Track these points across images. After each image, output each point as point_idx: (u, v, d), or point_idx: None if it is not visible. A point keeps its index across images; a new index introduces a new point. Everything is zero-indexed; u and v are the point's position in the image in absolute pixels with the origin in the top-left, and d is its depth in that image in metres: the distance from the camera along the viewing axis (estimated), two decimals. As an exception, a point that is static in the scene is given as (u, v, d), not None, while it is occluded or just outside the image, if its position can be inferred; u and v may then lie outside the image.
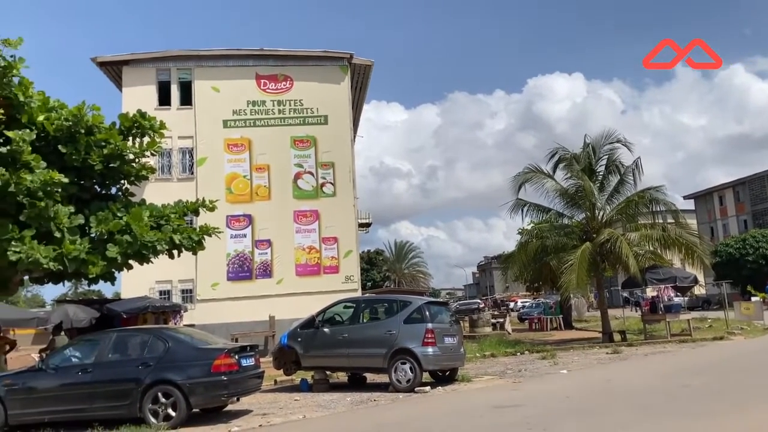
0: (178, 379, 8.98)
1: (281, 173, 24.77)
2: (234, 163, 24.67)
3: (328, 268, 24.45)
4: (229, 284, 23.93)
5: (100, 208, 11.38)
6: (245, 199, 24.50)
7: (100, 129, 11.47)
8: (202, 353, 9.44)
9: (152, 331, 10.50)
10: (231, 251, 24.02)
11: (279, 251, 24.32)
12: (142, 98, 23.47)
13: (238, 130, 24.94)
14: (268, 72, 25.30)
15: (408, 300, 12.88)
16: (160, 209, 12.32)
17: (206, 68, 25.13)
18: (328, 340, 12.41)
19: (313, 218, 24.66)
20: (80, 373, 9.40)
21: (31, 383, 9.54)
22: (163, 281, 23.10)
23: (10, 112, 10.49)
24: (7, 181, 9.54)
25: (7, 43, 10.14)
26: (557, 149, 22.58)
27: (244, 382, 9.67)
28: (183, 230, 12.07)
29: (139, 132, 12.31)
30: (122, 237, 10.88)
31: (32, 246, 9.73)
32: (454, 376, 12.84)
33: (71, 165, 11.10)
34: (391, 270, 64.13)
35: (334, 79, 25.45)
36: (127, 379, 9.16)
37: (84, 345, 10.21)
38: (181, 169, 24.67)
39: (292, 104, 25.29)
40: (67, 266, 10.27)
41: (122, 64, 24.80)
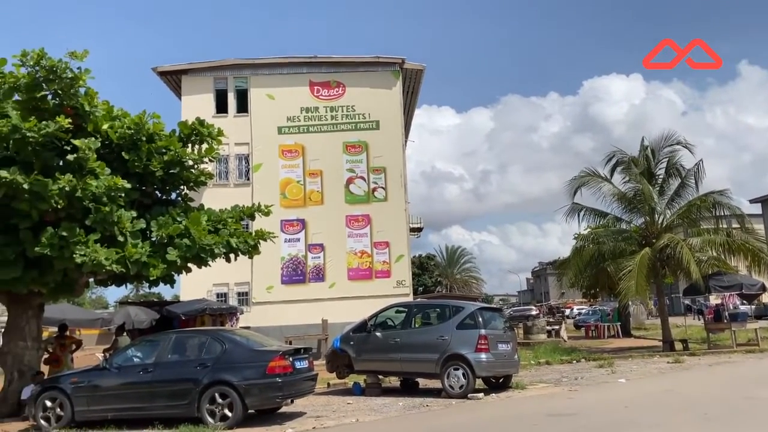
0: (234, 380, 9.16)
1: (333, 178, 25.04)
2: (288, 168, 25.10)
3: (380, 273, 24.53)
4: (283, 287, 24.32)
5: (161, 212, 11.76)
6: (299, 203, 24.87)
7: (161, 136, 11.86)
8: (257, 355, 9.61)
9: (210, 332, 10.76)
10: (285, 255, 24.41)
11: (331, 255, 24.57)
12: (201, 106, 24.16)
13: (292, 137, 25.36)
14: (321, 79, 25.65)
15: (460, 305, 12.77)
16: (218, 214, 12.63)
17: (261, 76, 25.67)
18: (380, 344, 12.44)
19: (364, 223, 24.81)
20: (141, 372, 9.72)
21: (96, 381, 9.91)
22: (220, 284, 23.68)
23: (77, 122, 10.96)
24: (74, 187, 9.97)
25: (73, 55, 10.57)
26: (615, 152, 22.01)
27: (298, 384, 9.79)
28: (239, 234, 12.32)
29: (198, 139, 12.65)
30: (181, 241, 11.20)
31: (96, 249, 10.11)
32: (508, 383, 12.66)
33: (133, 171, 11.52)
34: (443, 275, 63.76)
35: (386, 85, 25.57)
36: (185, 379, 9.41)
37: (145, 345, 10.56)
38: (237, 175, 25.27)
39: (344, 110, 25.54)
40: (129, 269, 10.63)
41: (181, 73, 25.62)
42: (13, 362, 11.52)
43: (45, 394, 9.95)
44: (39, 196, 9.87)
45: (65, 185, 9.88)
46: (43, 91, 10.59)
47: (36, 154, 10.26)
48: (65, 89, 10.62)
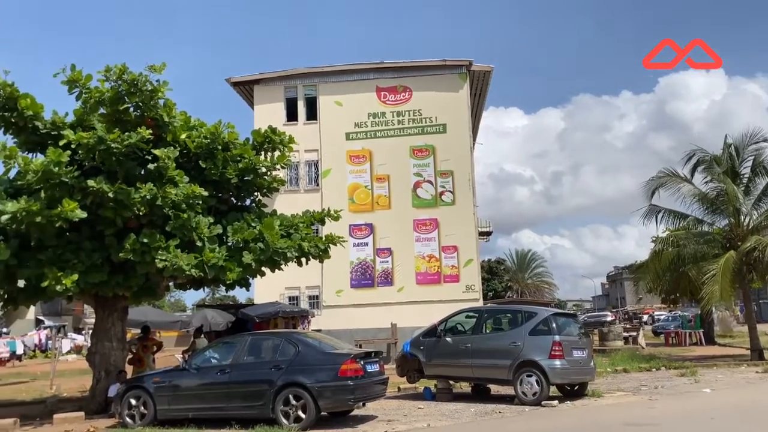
0: (307, 382, 9.28)
1: (401, 183, 25.11)
2: (356, 173, 25.37)
3: (449, 277, 24.38)
4: (353, 291, 24.57)
5: (236, 218, 12.14)
6: (366, 208, 25.08)
7: (236, 145, 12.25)
8: (329, 357, 9.71)
9: (283, 335, 10.97)
10: (354, 259, 24.65)
11: (399, 259, 24.62)
12: (272, 115, 24.82)
13: (360, 142, 25.63)
14: (387, 84, 25.81)
15: (533, 311, 12.49)
16: (290, 219, 12.91)
17: (330, 84, 26.10)
18: (450, 349, 12.33)
19: (432, 227, 24.73)
20: (219, 373, 10.00)
21: (176, 381, 10.27)
22: (291, 287, 24.19)
23: (157, 132, 11.47)
24: (155, 194, 10.43)
25: (152, 69, 11.07)
26: (695, 151, 20.96)
27: (369, 387, 9.82)
28: (310, 239, 12.55)
29: (270, 147, 12.99)
30: (256, 245, 11.51)
31: (176, 254, 10.54)
32: (584, 390, 12.26)
33: (210, 179, 11.95)
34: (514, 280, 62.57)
35: (453, 87, 25.45)
36: (260, 380, 9.60)
37: (222, 347, 10.87)
38: (307, 181, 25.77)
39: (411, 114, 25.60)
40: (207, 273, 11.02)
41: (253, 83, 26.41)
42: (101, 362, 12.14)
43: (130, 392, 10.40)
44: (123, 204, 10.39)
45: (147, 193, 10.35)
46: (125, 104, 11.12)
47: (120, 164, 10.79)
48: (146, 101, 11.13)
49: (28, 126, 11.22)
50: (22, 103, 10.96)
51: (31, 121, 11.17)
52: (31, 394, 15.99)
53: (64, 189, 10.17)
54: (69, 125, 11.42)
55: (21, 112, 11.01)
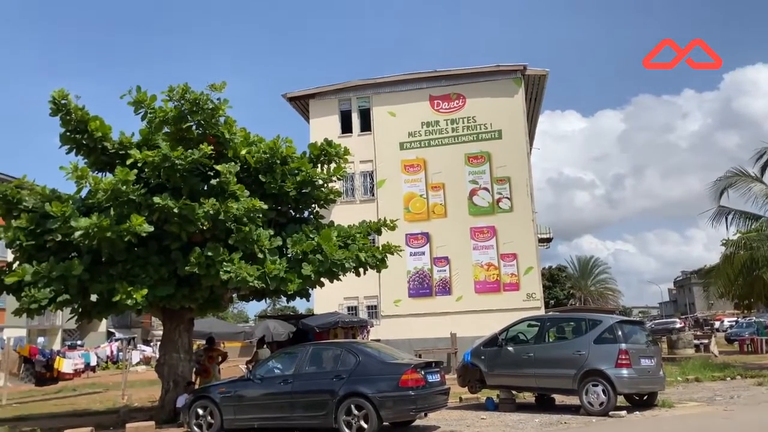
0: (369, 392, 9.29)
1: (456, 191, 24.98)
2: (411, 183, 25.41)
3: (508, 286, 24.03)
4: (411, 301, 24.54)
5: (295, 230, 12.34)
6: (422, 217, 25.05)
7: (293, 159, 12.47)
8: (390, 367, 9.70)
9: (344, 345, 11.03)
10: (411, 269, 24.64)
11: (457, 268, 24.45)
12: (327, 127, 25.20)
13: (414, 151, 25.68)
14: (441, 92, 25.80)
15: (598, 318, 12.14)
16: (347, 230, 13.02)
17: (383, 95, 26.30)
18: (512, 358, 12.11)
19: (490, 234, 24.46)
20: (282, 383, 10.14)
21: (241, 391, 10.48)
22: (350, 297, 24.38)
23: (219, 149, 11.80)
24: (217, 209, 10.72)
25: (213, 87, 11.41)
26: (766, 148, 20.02)
27: (431, 397, 9.75)
28: (367, 249, 12.61)
29: (327, 159, 13.17)
30: (315, 256, 11.66)
31: (240, 266, 10.80)
32: (653, 400, 11.81)
33: (269, 192, 12.20)
34: (576, 287, 61.06)
35: (508, 93, 25.19)
36: (322, 390, 9.67)
37: (284, 357, 11.03)
38: (363, 192, 25.98)
39: (465, 122, 25.48)
40: (268, 284, 11.24)
41: (308, 97, 26.90)
42: (169, 372, 12.52)
43: (197, 402, 10.67)
44: (187, 219, 10.71)
45: (210, 208, 10.65)
46: (188, 123, 11.49)
47: (184, 180, 11.15)
48: (207, 119, 11.46)
49: (98, 147, 11.75)
50: (91, 125, 11.50)
51: (100, 142, 11.70)
52: (105, 403, 16.65)
53: (132, 206, 10.59)
54: (135, 145, 11.90)
55: (91, 134, 11.55)
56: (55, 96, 11.21)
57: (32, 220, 11.18)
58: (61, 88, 11.30)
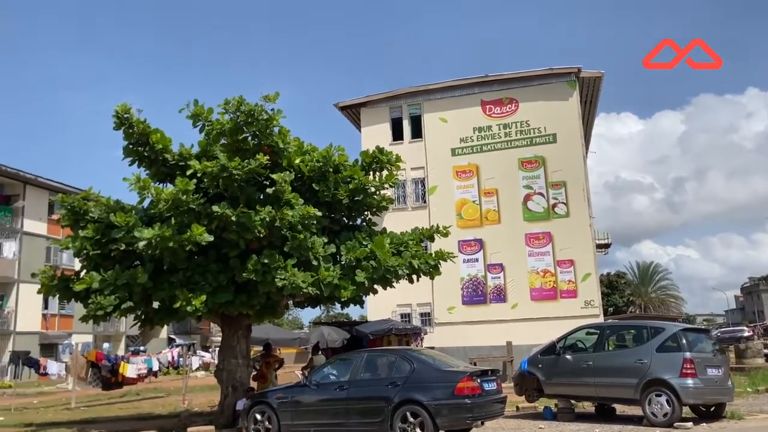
0: (424, 399, 9.24)
1: (510, 196, 24.68)
2: (463, 189, 25.25)
3: (565, 293, 23.53)
4: (464, 308, 24.34)
5: (348, 237, 12.44)
6: (475, 223, 24.85)
7: (346, 167, 12.59)
8: (445, 375, 9.63)
9: (398, 351, 11.02)
10: (464, 276, 24.45)
11: (512, 275, 24.11)
12: (378, 135, 25.37)
13: (466, 157, 25.53)
14: (493, 97, 25.59)
15: (660, 326, 11.73)
16: (399, 237, 13.03)
17: (434, 101, 26.28)
18: (571, 367, 11.84)
19: (545, 241, 24.03)
20: (337, 389, 10.20)
21: (298, 397, 10.60)
22: (403, 305, 24.36)
23: (273, 158, 12.03)
24: (273, 217, 10.92)
25: (267, 98, 11.65)
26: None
27: (487, 406, 9.62)
28: (420, 256, 12.59)
29: (378, 166, 13.23)
30: (368, 263, 11.71)
31: (294, 273, 10.95)
32: (722, 412, 11.30)
33: (323, 200, 12.35)
34: (636, 294, 59.23)
35: (562, 96, 24.76)
36: (378, 397, 9.68)
37: (340, 364, 11.09)
38: (414, 198, 25.99)
39: (518, 126, 25.18)
40: (323, 290, 11.35)
41: (360, 106, 27.15)
42: (228, 378, 12.78)
43: (255, 407, 10.86)
44: (245, 227, 10.95)
45: (266, 216, 10.86)
46: (244, 134, 11.75)
47: (241, 189, 11.41)
48: (262, 130, 11.71)
49: (159, 158, 12.18)
50: (153, 138, 11.93)
51: (161, 153, 12.12)
52: (167, 408, 17.13)
53: (192, 215, 10.90)
54: (194, 156, 12.26)
55: (152, 146, 11.98)
56: (119, 110, 11.70)
57: (98, 230, 11.64)
58: (124, 103, 11.78)
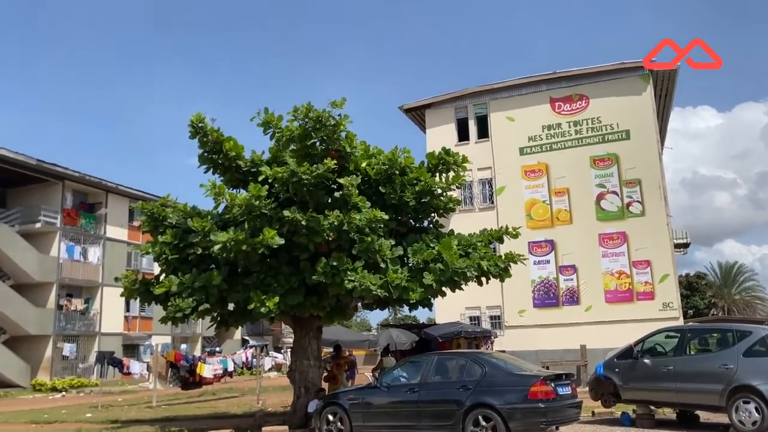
0: (496, 403, 9.11)
1: (582, 195, 24.02)
2: (532, 189, 24.78)
3: (642, 294, 22.67)
4: (536, 311, 23.86)
5: (415, 240, 12.44)
6: (546, 224, 24.33)
7: (412, 169, 12.60)
8: (517, 379, 9.48)
9: (469, 355, 10.94)
10: (535, 278, 23.97)
11: (585, 277, 23.45)
12: (443, 136, 25.28)
13: (535, 156, 25.05)
14: (562, 94, 25.01)
15: (747, 329, 11.08)
16: (467, 238, 12.93)
17: (500, 100, 25.94)
18: (650, 372, 11.37)
19: (620, 241, 23.23)
20: (408, 392, 10.21)
21: (369, 399, 10.68)
22: (472, 307, 24.13)
23: (341, 162, 12.21)
24: (341, 220, 11.08)
25: (334, 104, 11.84)
26: None
27: (561, 411, 9.38)
28: (489, 258, 12.44)
29: (445, 168, 13.18)
30: (435, 265, 11.68)
31: (363, 275, 11.06)
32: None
33: (389, 203, 12.41)
34: (718, 296, 56.27)
35: (635, 91, 23.91)
36: (449, 400, 9.61)
37: (410, 366, 11.10)
38: (482, 199, 25.70)
39: (589, 123, 24.50)
40: (391, 293, 11.40)
41: (424, 108, 27.13)
42: (300, 378, 13.03)
43: (327, 408, 11.02)
44: (314, 231, 11.16)
45: (334, 220, 11.03)
46: (312, 139, 11.98)
47: (310, 194, 11.65)
48: (329, 135, 11.90)
49: (232, 165, 12.60)
50: (226, 145, 12.36)
51: (234, 161, 12.54)
52: (242, 407, 17.63)
53: (264, 219, 11.21)
54: (265, 162, 12.62)
55: (226, 154, 12.42)
56: (194, 120, 12.18)
57: (176, 235, 12.17)
58: (198, 113, 12.26)
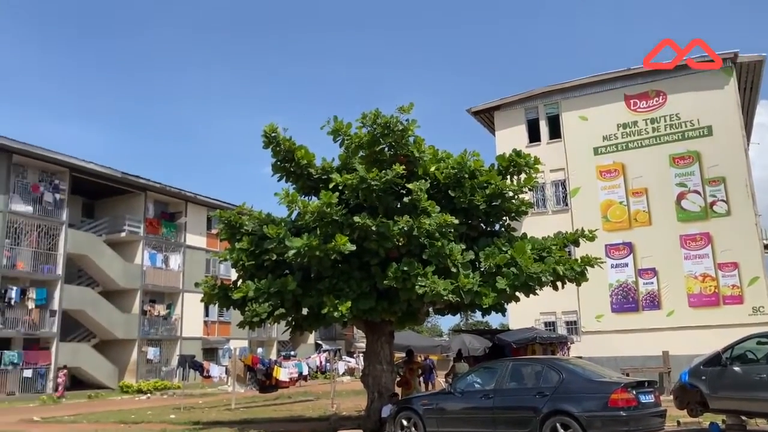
0: (575, 410, 8.85)
1: (661, 195, 23.05)
2: (608, 189, 23.99)
3: (729, 298, 21.47)
4: (614, 316, 23.06)
5: (487, 244, 12.29)
6: (623, 226, 23.49)
7: (482, 172, 12.47)
8: (597, 386, 9.17)
9: (545, 361, 10.68)
10: (613, 282, 23.18)
11: (666, 280, 22.46)
12: (513, 138, 24.88)
13: (610, 156, 24.27)
14: (637, 91, 24.14)
15: None
16: (541, 242, 12.66)
17: (572, 99, 25.30)
18: (741, 380, 10.70)
19: (704, 242, 22.11)
20: (483, 398, 10.07)
21: (443, 404, 10.60)
22: (547, 313, 23.57)
23: (409, 167, 12.23)
24: (411, 225, 11.09)
25: (401, 110, 11.89)
26: None
27: (644, 419, 9.00)
28: (565, 261, 12.13)
29: (516, 170, 12.98)
30: (509, 270, 11.49)
31: (434, 280, 11.01)
32: None
33: (459, 207, 12.31)
34: (815, 299, 52.58)
35: (716, 85, 22.75)
36: (525, 407, 9.43)
37: (484, 372, 10.95)
38: (555, 202, 25.11)
39: (667, 120, 23.50)
40: (463, 298, 11.29)
41: (493, 110, 26.81)
42: (374, 383, 13.10)
43: (401, 413, 11.02)
44: (384, 236, 11.22)
45: (404, 225, 11.05)
46: (380, 145, 12.07)
47: (379, 199, 11.73)
48: (398, 140, 11.95)
49: (304, 173, 12.88)
50: (298, 154, 12.65)
51: (305, 168, 12.81)
52: (317, 411, 17.90)
53: (336, 226, 11.37)
54: (335, 169, 12.83)
55: (298, 162, 12.71)
56: (267, 130, 12.56)
57: (252, 242, 12.55)
58: (271, 123, 12.63)
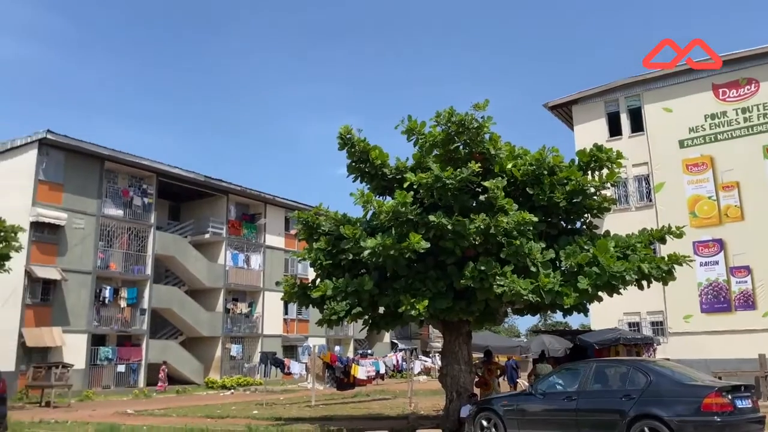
0: (665, 414, 8.46)
1: (755, 189, 21.74)
2: (696, 184, 22.86)
3: (834, 298, 19.95)
4: (704, 316, 21.95)
5: (567, 242, 11.94)
6: (713, 222, 22.31)
7: (561, 168, 12.13)
8: (688, 389, 8.76)
9: (631, 363, 10.29)
10: (702, 280, 22.07)
11: (762, 279, 21.17)
12: (593, 132, 24.12)
13: (697, 149, 23.12)
14: (726, 79, 22.86)
15: None
16: (625, 239, 12.20)
17: (655, 90, 24.28)
18: None
19: (804, 238, 20.66)
20: (565, 400, 9.81)
21: (524, 406, 10.42)
22: (631, 313, 22.75)
23: (485, 165, 12.07)
24: (488, 224, 10.93)
25: (476, 107, 11.75)
26: None
27: (741, 425, 8.51)
28: (650, 259, 11.62)
29: (597, 165, 12.55)
30: (590, 269, 11.13)
31: (513, 280, 10.81)
32: None
33: (538, 204, 12.03)
34: None
35: (816, 69, 21.20)
36: (611, 409, 9.12)
37: (566, 374, 10.67)
38: (638, 198, 24.18)
39: (760, 109, 22.17)
40: (543, 298, 11.02)
41: (571, 104, 26.09)
42: (452, 383, 13.01)
43: (481, 414, 10.91)
44: (460, 235, 11.12)
45: (480, 223, 10.91)
46: (455, 143, 12.01)
47: (454, 198, 11.64)
48: (473, 138, 11.84)
49: (378, 173, 12.98)
50: (372, 154, 12.76)
51: (380, 168, 12.91)
52: (395, 409, 17.99)
53: (410, 225, 11.38)
54: (409, 168, 12.83)
55: (372, 162, 12.83)
56: (342, 132, 12.75)
57: (329, 242, 12.78)
58: (346, 125, 12.81)
